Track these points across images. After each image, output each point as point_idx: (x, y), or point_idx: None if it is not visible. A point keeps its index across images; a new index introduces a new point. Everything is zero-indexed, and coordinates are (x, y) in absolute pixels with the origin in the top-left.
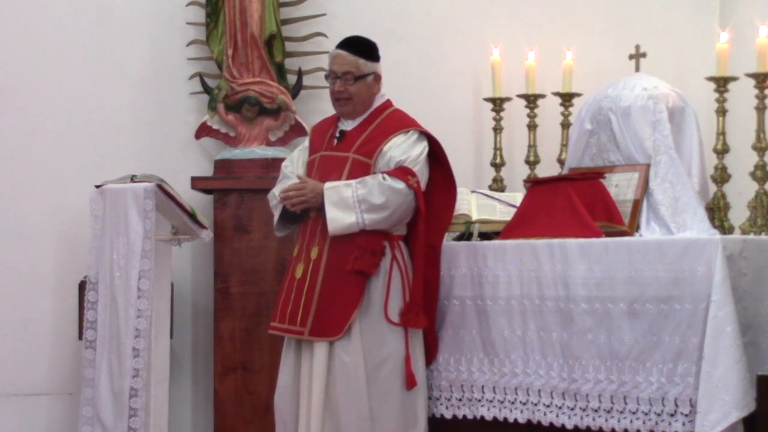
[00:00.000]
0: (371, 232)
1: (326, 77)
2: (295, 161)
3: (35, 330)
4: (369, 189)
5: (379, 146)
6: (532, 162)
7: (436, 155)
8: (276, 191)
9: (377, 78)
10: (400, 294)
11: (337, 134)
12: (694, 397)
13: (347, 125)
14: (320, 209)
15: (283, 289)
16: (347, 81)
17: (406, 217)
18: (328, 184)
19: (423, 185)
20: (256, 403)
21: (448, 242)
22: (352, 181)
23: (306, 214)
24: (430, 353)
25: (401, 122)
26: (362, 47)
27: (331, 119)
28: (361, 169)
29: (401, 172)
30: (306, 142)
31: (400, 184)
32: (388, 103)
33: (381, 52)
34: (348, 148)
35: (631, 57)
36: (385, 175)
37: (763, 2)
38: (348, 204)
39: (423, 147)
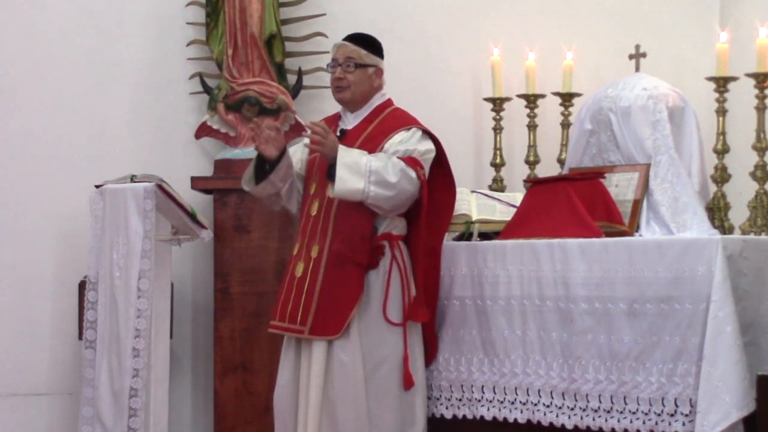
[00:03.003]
0: (361, 219)
1: (328, 66)
2: (293, 155)
3: (35, 330)
4: (384, 164)
5: (380, 144)
6: (532, 162)
7: (437, 155)
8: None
9: (378, 72)
10: (399, 294)
11: (338, 133)
12: (694, 397)
13: (348, 124)
14: (328, 172)
15: (283, 288)
16: (348, 68)
17: (405, 205)
18: (343, 146)
19: None
20: (256, 403)
21: (448, 242)
22: (366, 153)
23: (277, 163)
24: (430, 353)
25: (402, 120)
26: (367, 40)
27: (332, 118)
28: None
29: (413, 161)
30: (306, 139)
31: (413, 173)
32: (388, 102)
33: None
34: (349, 146)
35: (631, 57)
36: (401, 160)
37: (763, 2)
38: (360, 170)
39: (429, 145)
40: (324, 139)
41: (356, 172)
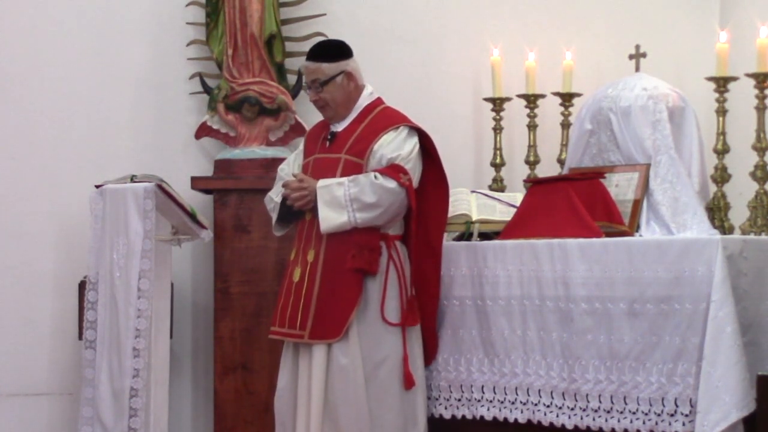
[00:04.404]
0: (367, 229)
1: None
2: (291, 164)
3: (35, 330)
4: (361, 188)
5: (369, 145)
6: (532, 162)
7: (428, 151)
8: (273, 194)
9: (348, 76)
10: (396, 294)
11: (329, 136)
12: (694, 397)
13: (338, 126)
14: (314, 208)
15: (282, 293)
16: (316, 89)
17: (400, 215)
18: (320, 183)
19: (416, 181)
20: (256, 403)
21: (448, 242)
22: (345, 180)
23: (302, 213)
24: (430, 353)
25: (390, 119)
26: (323, 51)
27: (323, 123)
28: (354, 170)
29: (393, 170)
30: (301, 146)
31: (391, 183)
32: (378, 102)
33: (381, 52)
34: (340, 149)
35: (631, 57)
36: (377, 174)
37: (763, 2)
38: (340, 203)
39: (414, 143)
40: (302, 193)
41: (337, 206)
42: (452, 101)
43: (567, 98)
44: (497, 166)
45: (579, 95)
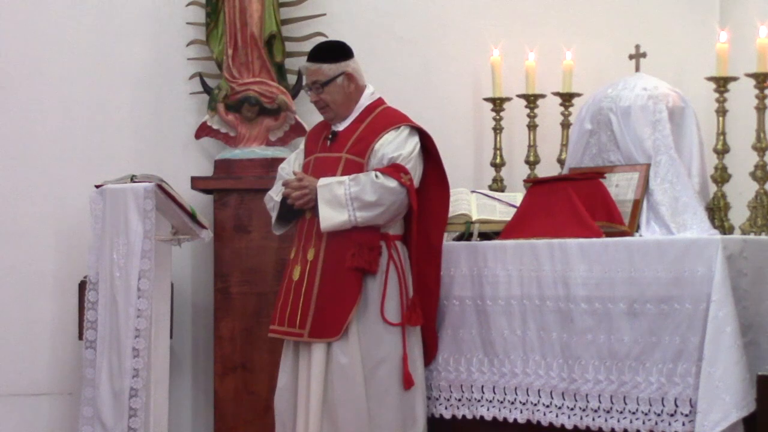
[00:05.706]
0: (367, 228)
1: (305, 90)
2: (291, 164)
3: (35, 330)
4: (362, 187)
5: (370, 145)
6: (532, 162)
7: (429, 151)
8: (272, 193)
9: (349, 76)
10: (397, 294)
11: (330, 135)
12: (694, 397)
13: (339, 126)
14: (314, 207)
15: (282, 292)
16: (317, 90)
17: (400, 214)
18: (321, 182)
19: (417, 181)
20: (256, 403)
21: (448, 242)
22: (345, 178)
23: (302, 211)
24: (430, 353)
25: (392, 119)
26: (323, 53)
27: (324, 122)
28: (355, 169)
29: (394, 169)
30: (302, 145)
31: (392, 183)
32: (379, 101)
33: (381, 52)
34: (341, 148)
35: (631, 57)
36: (378, 173)
37: (763, 2)
38: (340, 202)
39: (415, 143)
40: (302, 192)
41: (337, 205)
42: (452, 101)
43: (567, 98)
44: (497, 166)
45: (579, 95)
